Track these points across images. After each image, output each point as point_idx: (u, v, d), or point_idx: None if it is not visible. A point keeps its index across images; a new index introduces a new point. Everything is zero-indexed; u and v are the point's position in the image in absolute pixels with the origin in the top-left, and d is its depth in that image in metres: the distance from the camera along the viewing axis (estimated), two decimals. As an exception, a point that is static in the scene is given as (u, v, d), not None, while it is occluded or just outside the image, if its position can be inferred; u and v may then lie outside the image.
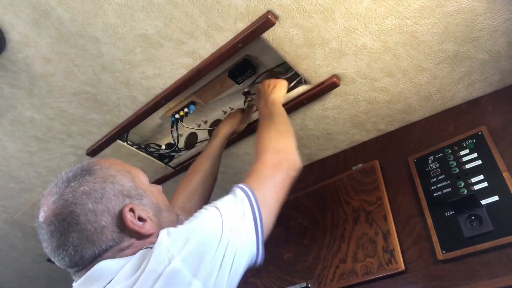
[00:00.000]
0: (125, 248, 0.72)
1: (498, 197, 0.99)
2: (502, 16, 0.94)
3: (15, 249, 1.87)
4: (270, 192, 0.83)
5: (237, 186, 0.80)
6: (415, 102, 1.22)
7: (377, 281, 1.11)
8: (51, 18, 0.91)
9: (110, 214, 0.72)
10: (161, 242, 0.64)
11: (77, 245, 0.70)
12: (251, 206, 0.76)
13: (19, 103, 1.13)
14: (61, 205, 0.72)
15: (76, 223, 0.70)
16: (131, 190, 0.76)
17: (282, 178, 0.87)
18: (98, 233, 0.70)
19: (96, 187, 0.73)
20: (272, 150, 0.92)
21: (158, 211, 0.79)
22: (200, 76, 1.09)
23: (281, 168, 0.88)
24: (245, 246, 0.71)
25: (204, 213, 0.72)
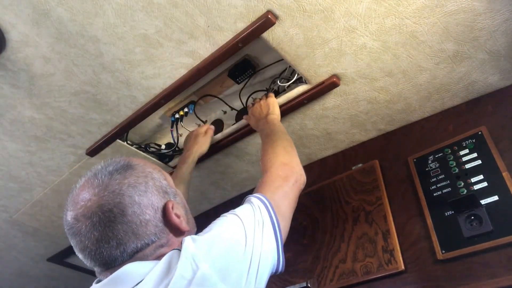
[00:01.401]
0: (164, 245, 0.72)
1: (498, 197, 0.99)
2: (502, 16, 0.94)
3: (15, 249, 1.87)
4: (283, 200, 0.87)
5: (251, 195, 0.82)
6: (415, 102, 1.22)
7: (377, 281, 1.11)
8: (51, 18, 0.91)
9: (154, 208, 0.72)
10: (187, 247, 0.65)
11: (122, 238, 0.68)
12: (269, 214, 0.78)
13: (19, 103, 1.13)
14: (107, 196, 0.69)
15: (123, 215, 0.68)
16: (167, 188, 0.77)
17: (290, 189, 0.91)
18: (143, 226, 0.69)
19: (140, 180, 0.73)
20: (279, 164, 0.96)
21: (186, 210, 0.81)
22: (200, 76, 1.09)
23: (289, 180, 0.92)
24: (267, 253, 0.73)
25: (225, 220, 0.74)
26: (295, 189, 0.93)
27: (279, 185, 0.90)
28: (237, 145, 1.39)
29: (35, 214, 1.65)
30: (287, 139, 1.08)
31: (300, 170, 0.98)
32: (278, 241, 0.76)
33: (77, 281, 2.16)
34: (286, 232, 0.83)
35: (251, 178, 1.58)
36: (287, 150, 1.02)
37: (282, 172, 0.93)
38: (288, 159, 0.98)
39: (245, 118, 1.29)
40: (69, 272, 2.06)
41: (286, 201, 0.88)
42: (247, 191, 1.64)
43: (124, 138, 1.38)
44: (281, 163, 0.96)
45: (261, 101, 1.23)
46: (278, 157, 0.98)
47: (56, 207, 1.62)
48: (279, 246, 0.76)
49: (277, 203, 0.84)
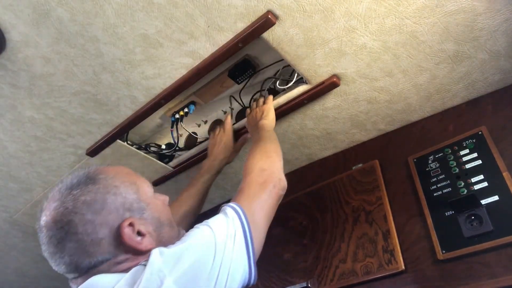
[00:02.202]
0: (121, 262, 0.71)
1: (498, 197, 0.99)
2: (502, 16, 0.94)
3: (15, 249, 1.87)
4: (259, 210, 0.84)
5: (227, 205, 0.80)
6: (415, 102, 1.22)
7: (377, 281, 1.11)
8: (51, 18, 0.91)
9: (109, 227, 0.70)
10: (153, 261, 0.63)
11: (73, 255, 0.70)
12: (241, 225, 0.76)
13: (19, 103, 1.13)
14: (61, 212, 0.71)
15: (74, 233, 0.69)
16: (133, 203, 0.75)
17: (268, 196, 0.89)
18: (94, 245, 0.69)
19: (98, 197, 0.72)
20: (257, 170, 0.95)
21: (159, 225, 0.77)
22: (200, 76, 1.09)
23: (267, 186, 0.90)
24: (237, 265, 0.70)
25: (197, 232, 0.71)
26: (274, 195, 0.90)
27: (256, 192, 0.88)
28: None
29: (35, 214, 1.65)
30: (272, 144, 1.07)
31: (279, 175, 0.95)
32: (250, 254, 0.74)
33: (77, 281, 2.15)
34: (260, 243, 0.80)
35: (251, 178, 1.58)
36: (269, 155, 1.01)
37: (260, 178, 0.92)
38: (267, 165, 0.97)
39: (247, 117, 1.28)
40: (69, 272, 2.06)
41: (263, 210, 0.85)
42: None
43: (124, 138, 1.38)
44: (259, 168, 0.95)
45: (257, 108, 1.23)
46: (258, 163, 0.97)
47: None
48: (250, 259, 0.73)
49: (253, 213, 0.81)
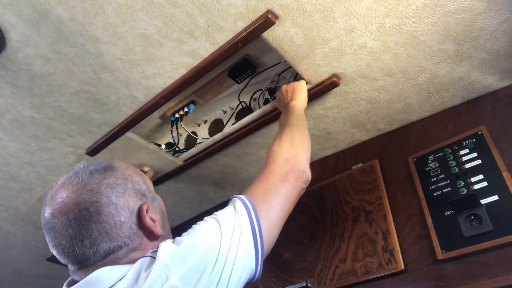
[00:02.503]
0: (136, 248, 0.72)
1: (497, 197, 0.99)
2: (502, 16, 0.94)
3: (15, 248, 1.87)
4: (276, 204, 0.80)
5: (237, 197, 0.78)
6: (415, 102, 1.22)
7: (377, 280, 1.11)
8: (51, 18, 0.91)
9: (130, 210, 0.72)
10: (161, 257, 0.63)
11: (95, 238, 0.68)
12: (250, 219, 0.73)
13: (19, 102, 1.13)
14: (85, 194, 0.70)
15: (99, 214, 0.69)
16: (146, 191, 0.78)
17: (289, 190, 0.84)
18: (117, 228, 0.70)
19: (119, 182, 0.74)
20: (281, 160, 0.89)
21: (163, 216, 0.80)
22: (200, 76, 1.09)
23: (288, 179, 0.85)
24: (243, 261, 0.69)
25: (204, 227, 0.71)
26: (295, 189, 0.86)
27: (275, 184, 0.84)
28: (237, 145, 1.39)
29: (43, 205, 1.65)
30: (300, 132, 0.99)
31: (303, 167, 0.90)
32: (258, 251, 0.71)
33: (77, 281, 2.15)
34: (272, 238, 0.77)
35: (251, 178, 1.58)
36: (294, 143, 0.94)
37: (281, 169, 0.87)
38: (292, 154, 0.91)
39: (272, 104, 1.22)
40: (69, 271, 2.06)
41: (280, 204, 0.81)
42: (247, 191, 1.64)
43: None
44: (283, 158, 0.89)
45: (288, 85, 1.15)
46: (282, 151, 0.91)
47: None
48: (258, 254, 0.71)
49: (268, 207, 0.79)
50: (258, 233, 0.73)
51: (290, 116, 1.04)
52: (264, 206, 0.78)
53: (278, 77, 1.29)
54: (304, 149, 0.95)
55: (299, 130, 1.00)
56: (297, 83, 1.14)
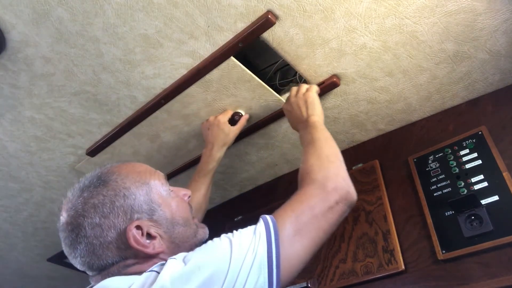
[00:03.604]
0: (130, 265, 0.71)
1: (498, 197, 0.99)
2: (502, 16, 0.94)
3: (15, 249, 1.87)
4: (310, 230, 0.70)
5: (263, 217, 0.70)
6: (415, 102, 1.22)
7: (377, 281, 1.11)
8: (51, 18, 0.91)
9: (116, 231, 0.70)
10: (162, 277, 0.60)
11: (84, 256, 0.71)
12: (268, 245, 0.64)
13: (19, 102, 1.13)
14: (72, 215, 0.72)
15: (84, 236, 0.70)
16: (143, 204, 0.73)
17: (329, 213, 0.73)
18: (103, 248, 0.70)
19: (106, 200, 0.72)
20: (320, 178, 0.78)
21: (171, 226, 0.75)
22: (200, 76, 1.09)
23: (330, 201, 0.74)
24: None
25: (215, 246, 0.65)
26: (336, 213, 0.74)
27: (314, 206, 0.72)
28: (237, 145, 1.39)
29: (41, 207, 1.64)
30: (331, 147, 0.90)
31: (347, 187, 0.78)
32: (272, 280, 0.62)
33: (77, 281, 2.16)
34: (294, 269, 0.66)
35: (251, 178, 1.58)
36: (330, 160, 0.84)
37: (322, 190, 0.75)
38: (332, 173, 0.79)
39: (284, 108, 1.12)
40: (69, 272, 2.07)
41: (312, 232, 0.70)
42: (247, 191, 1.64)
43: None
44: (323, 177, 0.78)
45: (299, 97, 1.06)
46: (320, 170, 0.80)
47: (56, 207, 1.62)
48: (273, 285, 0.62)
49: (294, 233, 0.68)
50: (275, 262, 0.63)
51: (315, 132, 0.94)
52: (290, 232, 0.68)
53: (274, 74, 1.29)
54: (342, 166, 0.85)
55: (331, 146, 0.90)
56: (308, 94, 1.05)
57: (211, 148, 1.19)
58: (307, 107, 1.02)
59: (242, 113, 1.23)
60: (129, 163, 0.81)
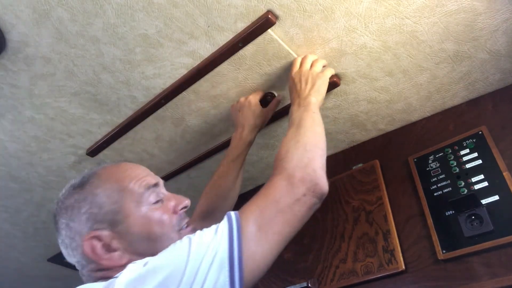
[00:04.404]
0: (98, 270, 0.70)
1: (498, 197, 0.99)
2: (502, 16, 0.94)
3: (15, 249, 1.87)
4: (270, 225, 0.66)
5: (228, 213, 0.66)
6: (415, 102, 1.22)
7: (377, 281, 1.11)
8: (51, 18, 0.91)
9: (81, 236, 0.70)
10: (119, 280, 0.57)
11: (63, 249, 0.74)
12: (229, 243, 0.61)
13: (19, 103, 1.13)
14: (55, 208, 0.75)
15: (60, 233, 0.74)
16: (109, 213, 0.70)
17: (297, 206, 0.69)
18: (73, 249, 0.72)
19: (75, 204, 0.71)
20: (290, 167, 0.74)
21: (138, 240, 0.70)
22: (200, 76, 1.09)
23: (297, 192, 0.70)
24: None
25: (175, 247, 0.62)
26: (304, 205, 0.70)
27: (279, 198, 0.69)
28: (237, 145, 1.39)
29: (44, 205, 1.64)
30: (314, 134, 0.84)
31: (316, 178, 0.73)
32: (234, 279, 0.58)
33: (77, 281, 2.15)
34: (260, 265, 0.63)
35: (251, 178, 1.58)
36: (308, 149, 0.78)
37: (290, 179, 0.71)
38: (304, 162, 0.74)
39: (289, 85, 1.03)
40: (69, 272, 2.06)
41: (279, 225, 0.66)
42: (247, 191, 1.64)
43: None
44: (293, 166, 0.74)
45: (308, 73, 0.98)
46: (292, 158, 0.75)
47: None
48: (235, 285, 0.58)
49: (258, 227, 0.64)
50: (237, 260, 0.60)
51: (305, 114, 0.88)
52: (254, 228, 0.64)
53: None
54: (319, 155, 0.79)
55: (315, 133, 0.84)
56: (320, 73, 0.98)
57: (241, 131, 1.11)
58: (313, 86, 0.95)
59: (275, 94, 1.15)
60: (123, 164, 0.78)
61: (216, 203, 1.08)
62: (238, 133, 1.12)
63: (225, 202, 1.09)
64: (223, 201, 1.08)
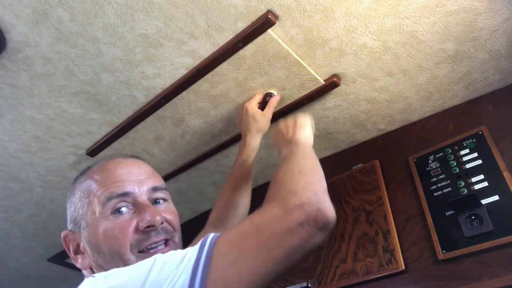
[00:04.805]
0: None
1: (498, 197, 0.99)
2: (502, 16, 0.94)
3: (15, 249, 1.87)
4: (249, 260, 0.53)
5: (206, 237, 0.58)
6: (415, 102, 1.22)
7: (377, 281, 1.11)
8: (51, 18, 0.91)
9: None
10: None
11: None
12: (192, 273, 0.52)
13: (19, 103, 1.13)
14: None
15: None
16: (78, 217, 0.71)
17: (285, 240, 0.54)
18: None
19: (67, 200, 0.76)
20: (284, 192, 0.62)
21: (95, 251, 0.67)
22: (200, 76, 1.09)
23: (287, 222, 0.55)
24: None
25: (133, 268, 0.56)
26: (297, 236, 0.54)
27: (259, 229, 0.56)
28: (237, 145, 1.39)
29: (40, 208, 1.64)
30: (309, 159, 0.74)
31: (317, 203, 0.57)
32: None
33: (77, 281, 2.15)
34: None
35: (251, 178, 1.58)
36: (303, 173, 0.66)
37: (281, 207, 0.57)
38: (299, 186, 0.62)
39: (271, 133, 1.02)
40: (69, 272, 2.07)
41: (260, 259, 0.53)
42: (247, 191, 1.64)
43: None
44: (285, 192, 0.61)
45: (290, 118, 0.96)
46: (287, 184, 0.63)
47: (56, 207, 1.62)
48: None
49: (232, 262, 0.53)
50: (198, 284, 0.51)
51: (295, 148, 0.81)
52: (227, 260, 0.53)
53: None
54: (318, 179, 0.66)
55: (308, 158, 0.76)
56: (300, 118, 0.93)
57: (244, 137, 1.13)
58: (296, 128, 0.89)
59: (274, 94, 1.17)
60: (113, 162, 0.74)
61: (226, 212, 1.05)
62: (242, 139, 1.15)
63: (236, 210, 1.06)
64: (233, 209, 1.06)
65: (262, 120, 1.13)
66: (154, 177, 0.76)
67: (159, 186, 0.74)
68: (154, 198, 0.73)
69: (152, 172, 0.77)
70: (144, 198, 0.70)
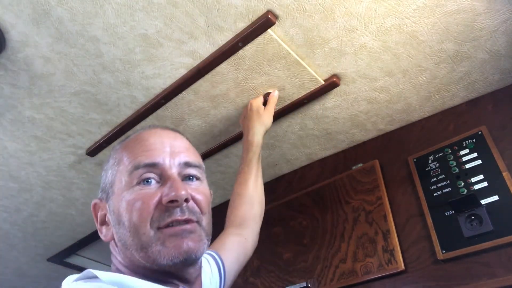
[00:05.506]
0: None
1: (498, 197, 0.99)
2: (502, 16, 0.94)
3: (15, 249, 1.87)
4: None
5: None
6: (415, 102, 1.22)
7: (377, 281, 1.11)
8: (51, 18, 0.91)
9: None
10: None
11: None
12: None
13: (19, 102, 1.13)
14: None
15: None
16: (107, 185, 0.67)
17: None
18: None
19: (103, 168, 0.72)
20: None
21: (117, 223, 0.64)
22: (200, 76, 1.09)
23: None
24: None
25: None
26: None
27: None
28: (237, 145, 1.39)
29: (39, 209, 1.64)
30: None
31: None
32: None
33: (77, 281, 2.15)
34: None
35: (251, 178, 1.58)
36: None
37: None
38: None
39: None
40: (69, 272, 2.07)
41: None
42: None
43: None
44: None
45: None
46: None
47: (56, 207, 1.62)
48: None
49: None
50: None
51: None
52: None
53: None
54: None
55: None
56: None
57: (247, 134, 1.13)
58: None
59: None
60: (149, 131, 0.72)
61: (244, 212, 1.02)
62: (245, 136, 1.14)
63: (253, 209, 1.04)
64: (250, 208, 1.04)
65: (266, 114, 1.14)
66: (189, 152, 0.70)
67: (193, 162, 0.69)
68: (185, 174, 0.67)
69: (189, 147, 0.72)
70: (173, 171, 0.65)
